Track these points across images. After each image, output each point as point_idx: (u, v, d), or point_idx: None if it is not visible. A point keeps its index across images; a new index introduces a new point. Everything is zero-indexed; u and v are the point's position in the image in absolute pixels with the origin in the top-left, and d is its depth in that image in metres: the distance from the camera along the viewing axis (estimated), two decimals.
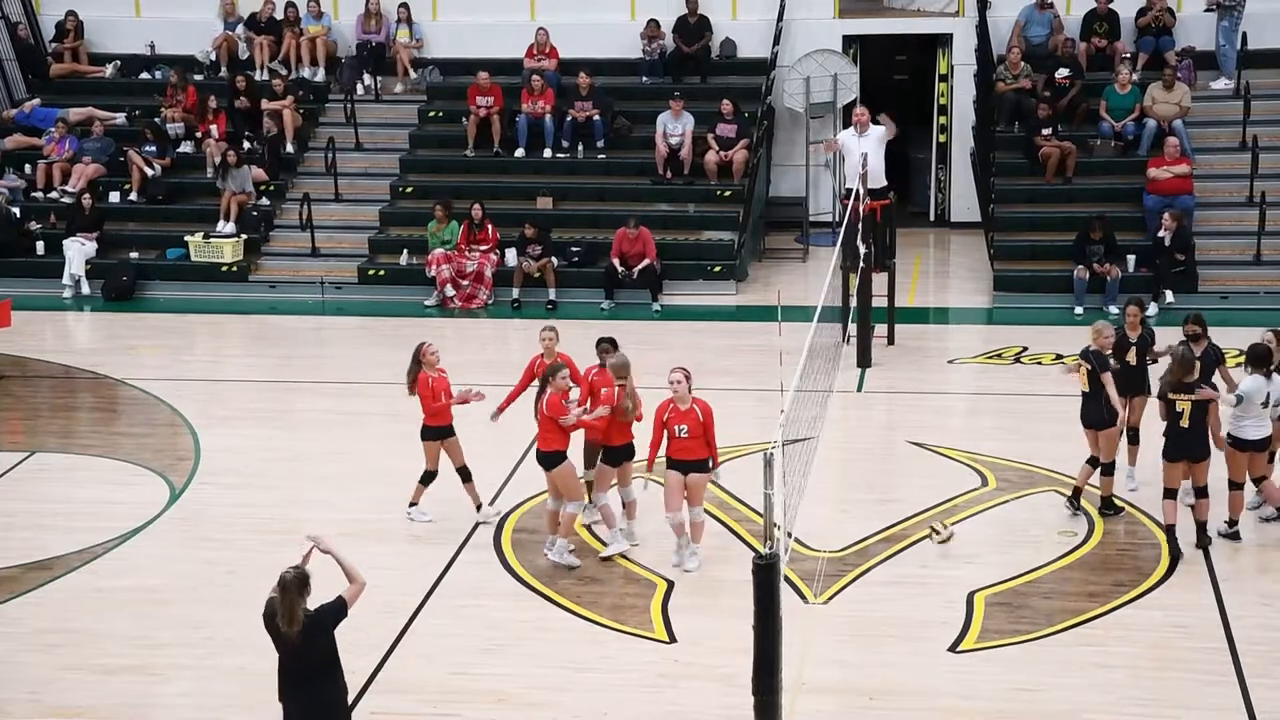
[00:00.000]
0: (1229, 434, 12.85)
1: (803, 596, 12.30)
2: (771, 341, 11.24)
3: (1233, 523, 12.99)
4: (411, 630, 11.87)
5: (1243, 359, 13.23)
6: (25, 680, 11.16)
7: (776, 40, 23.66)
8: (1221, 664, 11.12)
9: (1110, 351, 13.41)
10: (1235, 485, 12.98)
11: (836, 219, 21.91)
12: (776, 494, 9.77)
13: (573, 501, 12.82)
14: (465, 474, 13.64)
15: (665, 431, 12.57)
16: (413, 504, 13.75)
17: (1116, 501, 13.65)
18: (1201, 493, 12.80)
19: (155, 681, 11.10)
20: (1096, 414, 13.31)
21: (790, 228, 23.76)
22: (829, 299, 14.65)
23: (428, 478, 13.67)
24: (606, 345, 13.39)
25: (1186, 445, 12.61)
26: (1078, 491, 13.65)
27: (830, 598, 12.33)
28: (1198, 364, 12.76)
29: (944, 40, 24.00)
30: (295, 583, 8.93)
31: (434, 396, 13.35)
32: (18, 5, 24.89)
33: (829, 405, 14.95)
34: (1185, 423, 12.55)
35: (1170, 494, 12.77)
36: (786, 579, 11.65)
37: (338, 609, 9.11)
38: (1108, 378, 13.21)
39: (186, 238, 21.89)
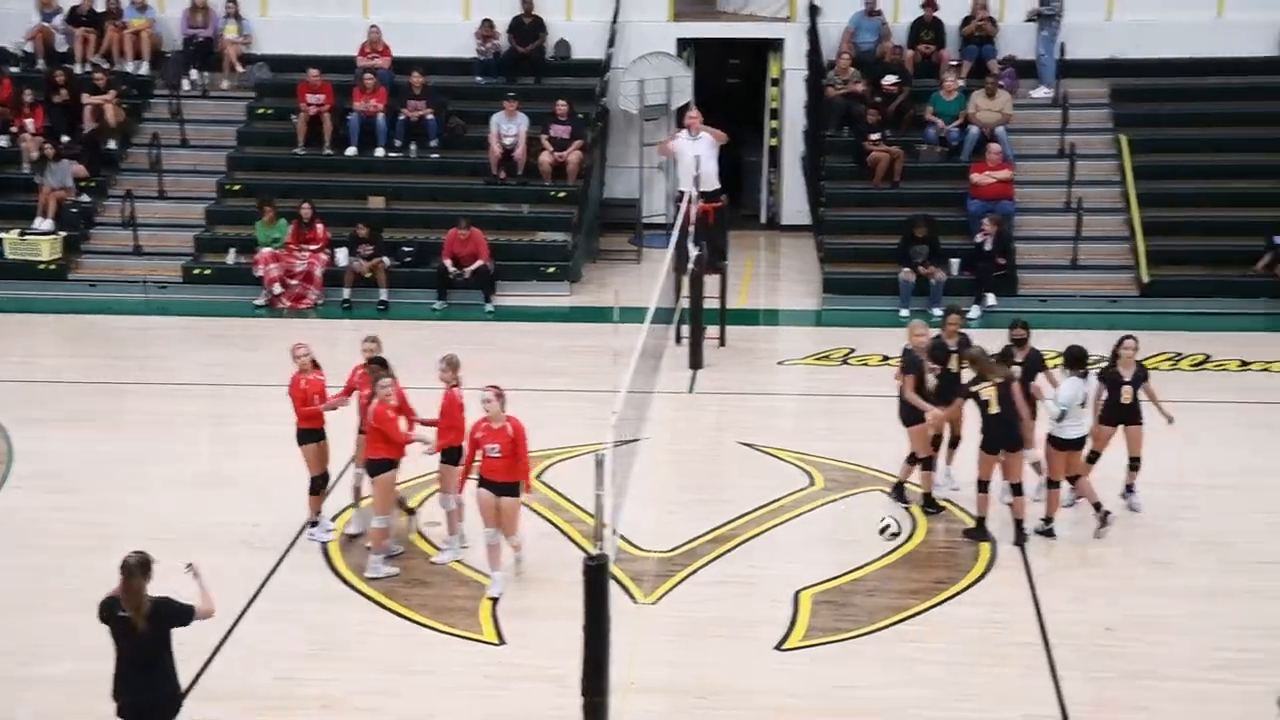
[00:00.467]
0: (1049, 434, 13.21)
1: (632, 597, 12.36)
2: (605, 342, 11.28)
3: (1048, 520, 13.35)
4: (233, 637, 11.66)
5: (1061, 361, 13.62)
6: None
7: (611, 42, 23.72)
8: (1036, 658, 11.42)
9: (924, 353, 13.70)
10: (1053, 484, 13.36)
11: (670, 221, 22.03)
12: (607, 495, 9.80)
13: (379, 515, 12.61)
14: (320, 483, 13.16)
15: (478, 450, 12.20)
16: (312, 523, 13.23)
17: (937, 500, 13.95)
18: (1016, 490, 13.15)
19: None
20: (904, 410, 13.64)
21: (624, 229, 23.85)
22: (662, 300, 14.72)
23: (316, 485, 13.11)
24: (375, 367, 12.83)
25: (1001, 435, 12.94)
26: (899, 485, 13.98)
27: (659, 598, 12.40)
28: (984, 353, 13.12)
29: (776, 45, 24.29)
30: (139, 566, 8.95)
31: (305, 399, 12.98)
32: None
33: (661, 406, 15.03)
34: (995, 409, 12.90)
35: (983, 486, 13.12)
36: (616, 579, 11.70)
37: (184, 611, 9.13)
38: (908, 380, 13.54)
39: (1, 234, 21.21)
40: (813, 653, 11.56)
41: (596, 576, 9.81)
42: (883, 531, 12.78)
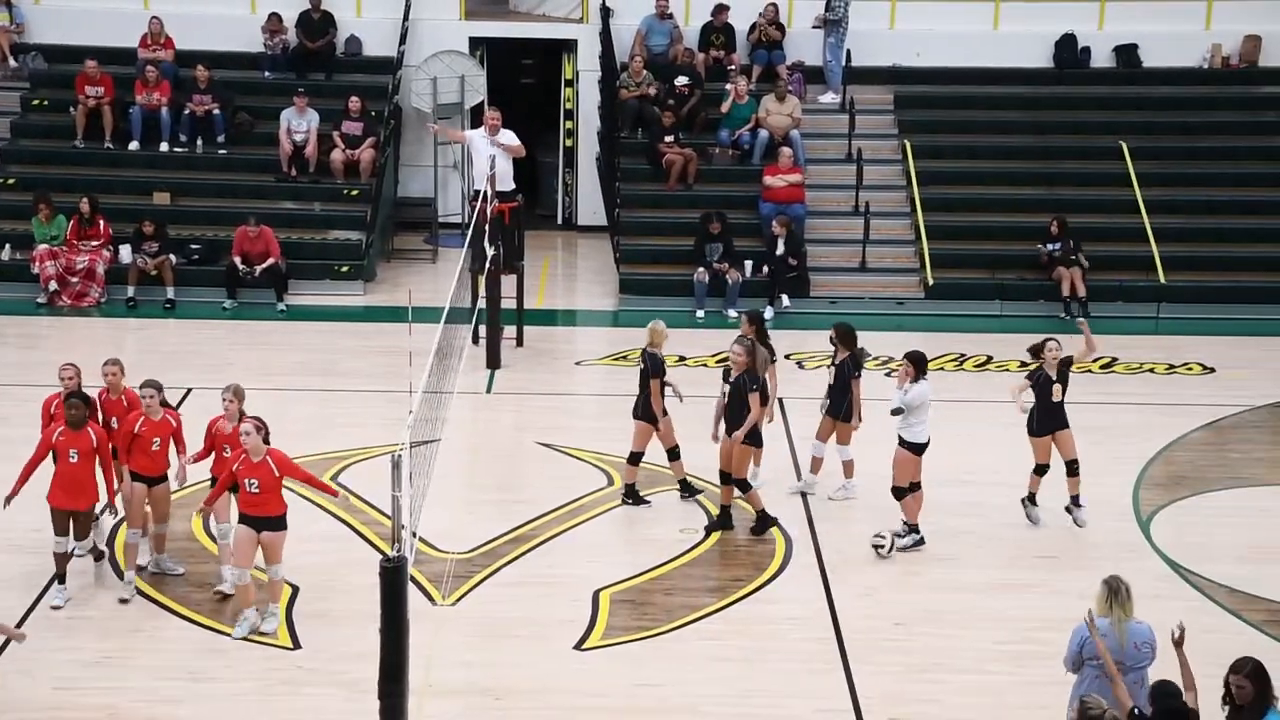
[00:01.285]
0: (900, 437, 13.23)
1: (431, 599, 12.26)
2: (400, 342, 11.15)
3: (911, 526, 13.40)
4: (10, 648, 11.22)
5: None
6: None
7: (403, 40, 23.48)
8: (829, 653, 11.67)
9: (662, 350, 14.07)
10: (900, 492, 13.30)
11: (465, 220, 21.90)
12: (405, 496, 9.70)
13: (133, 528, 12.23)
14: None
15: (235, 482, 11.53)
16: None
17: (692, 482, 14.28)
18: (725, 479, 13.46)
19: None
20: (639, 407, 14.03)
21: (419, 228, 23.63)
22: (457, 300, 14.63)
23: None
24: (76, 402, 12.06)
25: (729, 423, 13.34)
26: (684, 483, 14.27)
27: (459, 599, 12.33)
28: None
29: (569, 46, 24.33)
30: None
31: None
32: None
33: (459, 407, 14.94)
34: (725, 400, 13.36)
35: (725, 477, 13.48)
36: (414, 581, 11.60)
37: None
38: (654, 383, 13.85)
39: None
40: (612, 652, 11.62)
41: (394, 578, 9.71)
42: (878, 549, 13.02)
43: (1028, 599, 12.56)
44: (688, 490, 14.30)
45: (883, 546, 13.18)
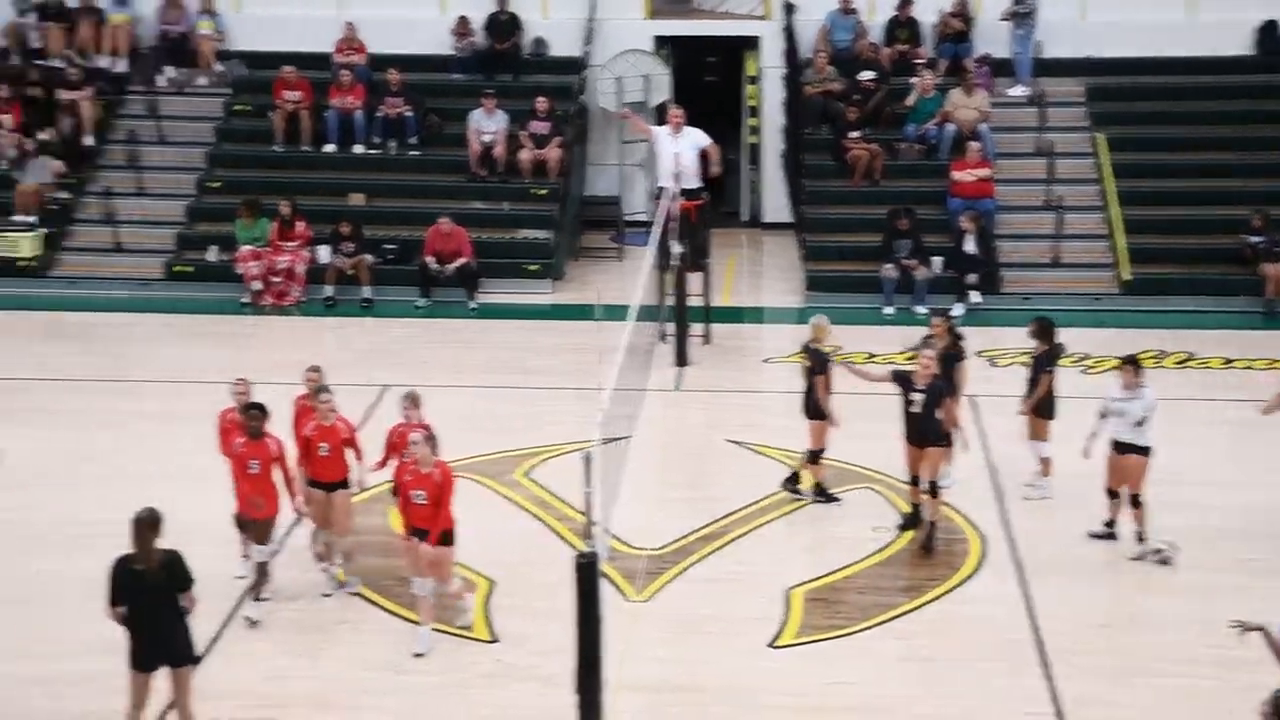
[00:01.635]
0: (1131, 443, 12.87)
1: (624, 594, 12.36)
2: (589, 340, 11.28)
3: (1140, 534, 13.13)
4: (223, 637, 11.62)
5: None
6: None
7: (588, 40, 23.71)
8: (1027, 654, 11.48)
9: (828, 347, 14.02)
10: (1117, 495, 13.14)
11: (650, 218, 22.02)
12: (596, 492, 9.80)
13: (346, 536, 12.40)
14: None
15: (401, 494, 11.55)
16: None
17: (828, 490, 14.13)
18: (915, 481, 13.21)
19: None
20: (809, 406, 13.83)
21: (605, 226, 23.84)
22: (645, 298, 14.73)
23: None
24: (255, 413, 11.97)
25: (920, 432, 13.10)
26: (818, 487, 14.12)
27: (651, 595, 12.41)
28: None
29: (752, 43, 24.30)
30: (148, 520, 9.52)
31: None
32: None
33: (648, 404, 15.04)
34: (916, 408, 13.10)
35: (915, 480, 13.21)
36: (607, 577, 11.71)
37: (189, 575, 9.68)
38: (819, 380, 13.69)
39: None
40: (803, 650, 11.60)
41: (587, 574, 9.82)
42: (1156, 553, 12.80)
43: (1241, 602, 12.17)
44: (822, 495, 14.14)
45: (1161, 554, 12.79)
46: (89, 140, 22.59)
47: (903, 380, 13.25)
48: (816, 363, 13.89)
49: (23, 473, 14.57)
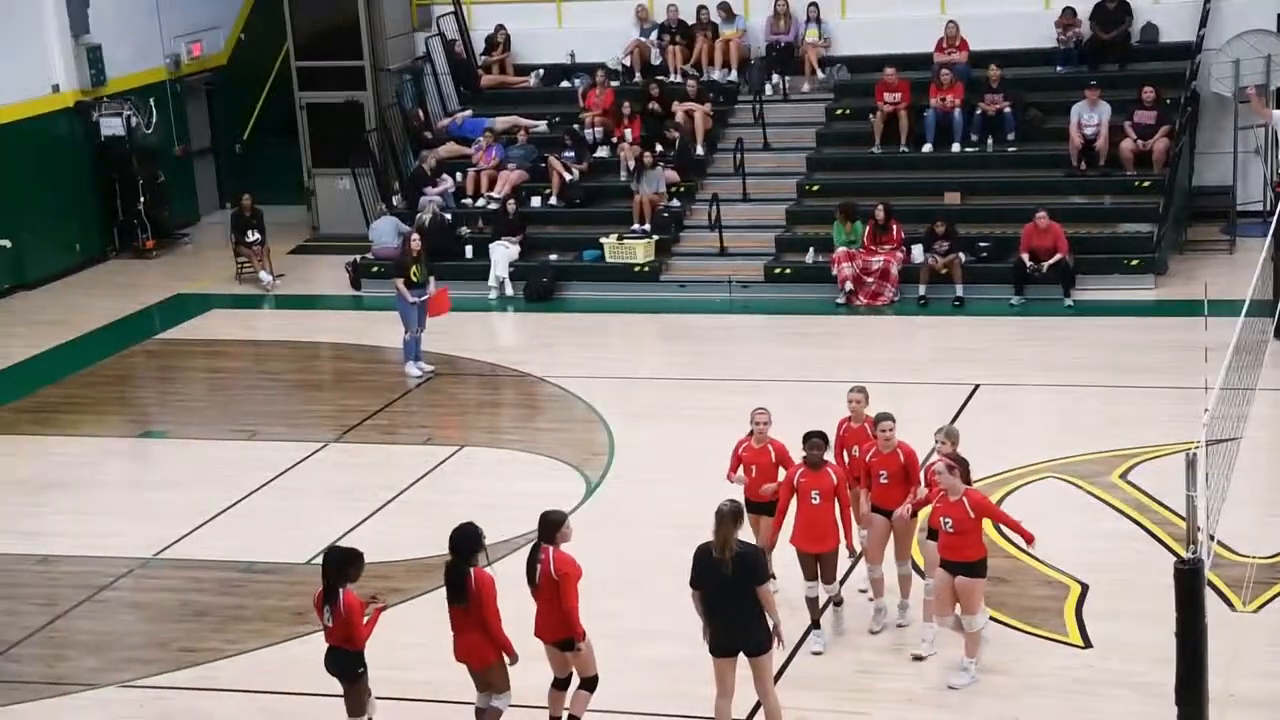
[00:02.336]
0: None
1: (1230, 604, 11.70)
2: (1194, 337, 10.73)
3: None
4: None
5: None
6: (458, 663, 11.76)
7: (1203, 23, 22.56)
8: None
9: None
10: None
11: (1267, 208, 20.68)
12: (1200, 496, 9.34)
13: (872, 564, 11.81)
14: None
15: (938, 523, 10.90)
16: None
17: None
18: None
19: None
20: None
21: (1215, 219, 22.61)
22: (1259, 292, 13.85)
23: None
24: (817, 441, 11.46)
25: None
26: None
27: (1260, 606, 11.70)
28: None
29: None
30: (731, 514, 9.81)
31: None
32: (453, 23, 26.28)
33: (1258, 404, 14.14)
34: None
35: None
36: (1211, 585, 11.12)
37: (764, 567, 9.96)
38: None
39: (602, 239, 22.64)
40: None
41: (1190, 581, 9.36)
42: None
43: None
44: None
45: None
46: (700, 150, 23.80)
47: None
48: None
49: (649, 467, 15.48)
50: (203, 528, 14.61)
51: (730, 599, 9.85)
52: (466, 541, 10.08)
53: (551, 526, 10.25)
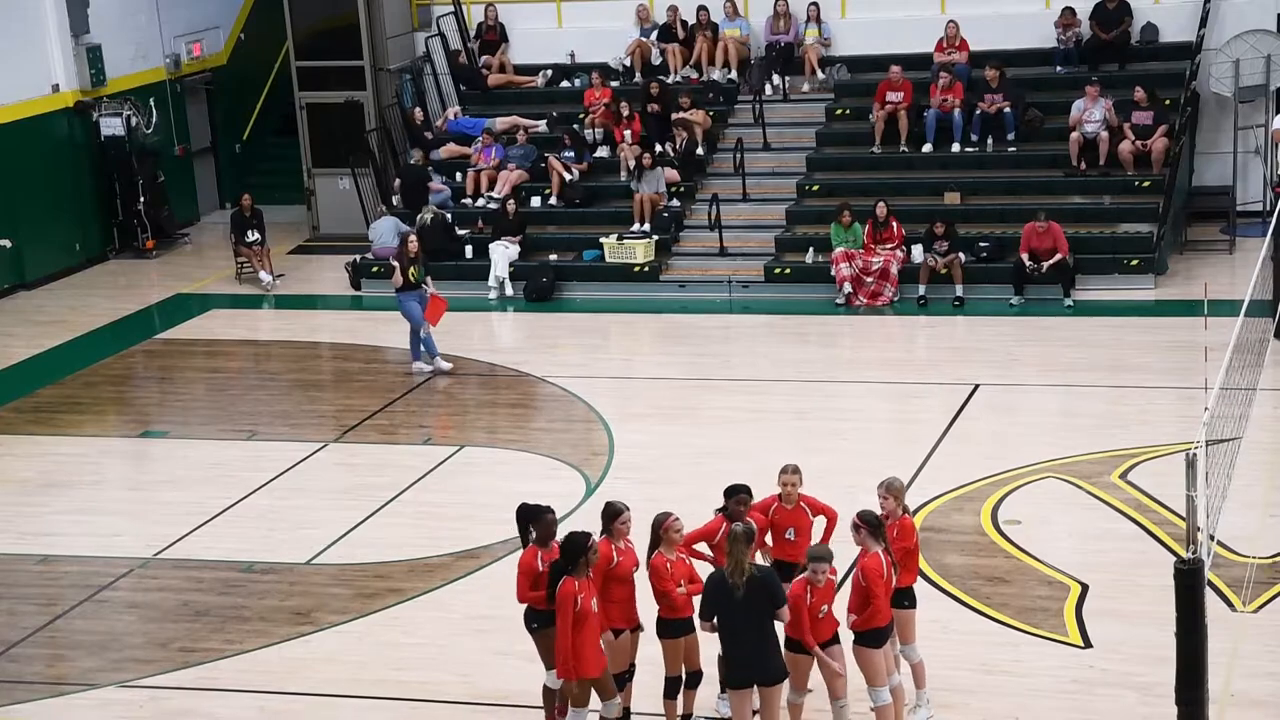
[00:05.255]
0: None
1: (1230, 604, 11.71)
2: (1193, 337, 10.74)
3: None
4: None
5: None
6: (458, 663, 11.80)
7: (1203, 23, 22.56)
8: None
9: None
10: None
11: (1267, 208, 20.69)
12: (1200, 496, 9.34)
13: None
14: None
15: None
16: None
17: None
18: None
19: None
20: None
21: (1215, 218, 22.62)
22: (1258, 292, 13.85)
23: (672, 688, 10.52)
24: (742, 495, 10.53)
25: None
26: None
27: (1260, 606, 11.70)
28: None
29: None
30: (744, 535, 9.67)
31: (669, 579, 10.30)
32: (453, 23, 26.20)
33: (1258, 404, 14.14)
34: None
35: None
36: (1211, 585, 11.12)
37: (780, 593, 9.61)
38: None
39: (601, 239, 22.62)
40: None
41: (1190, 581, 9.36)
42: None
43: None
44: None
45: None
46: (700, 150, 23.80)
47: None
48: None
49: (648, 467, 15.43)
50: (203, 528, 14.60)
51: (744, 625, 9.54)
52: (565, 551, 10.00)
53: (607, 519, 10.51)
